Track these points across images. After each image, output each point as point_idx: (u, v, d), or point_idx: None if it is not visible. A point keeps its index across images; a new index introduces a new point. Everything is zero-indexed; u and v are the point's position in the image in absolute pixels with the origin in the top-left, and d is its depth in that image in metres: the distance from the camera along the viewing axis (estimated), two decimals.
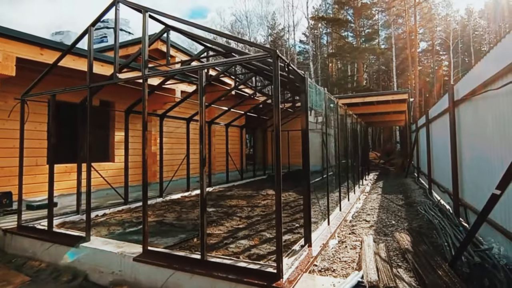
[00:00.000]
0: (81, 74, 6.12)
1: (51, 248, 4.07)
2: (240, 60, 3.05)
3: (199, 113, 3.21)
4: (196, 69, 3.19)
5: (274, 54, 2.80)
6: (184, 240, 4.12)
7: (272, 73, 2.87)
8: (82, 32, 4.19)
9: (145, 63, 3.60)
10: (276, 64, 2.83)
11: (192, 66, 3.32)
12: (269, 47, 3.34)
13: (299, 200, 7.09)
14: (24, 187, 6.10)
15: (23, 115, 4.76)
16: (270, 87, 11.87)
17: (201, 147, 3.22)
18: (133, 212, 5.88)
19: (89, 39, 4.08)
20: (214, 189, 9.12)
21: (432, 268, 2.73)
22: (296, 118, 13.92)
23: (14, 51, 5.06)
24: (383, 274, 2.61)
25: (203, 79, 3.19)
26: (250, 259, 3.38)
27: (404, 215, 5.45)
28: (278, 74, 2.81)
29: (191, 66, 3.39)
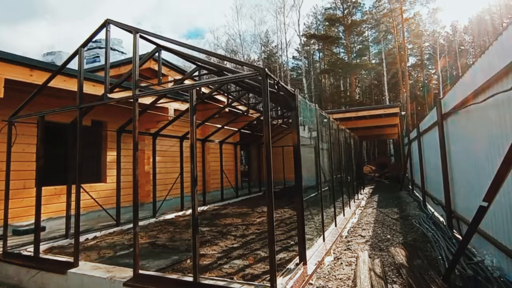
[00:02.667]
0: (72, 94, 6.06)
1: (37, 275, 3.90)
2: (231, 78, 3.06)
3: (190, 131, 3.18)
4: (187, 88, 3.19)
5: (263, 72, 2.82)
6: (177, 262, 4.00)
7: None
8: (73, 53, 4.20)
9: (135, 83, 3.59)
10: (265, 82, 2.84)
11: (183, 85, 3.33)
12: (259, 65, 3.37)
13: (294, 216, 6.99)
14: (10, 211, 5.93)
15: (10, 137, 4.68)
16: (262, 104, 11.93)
17: (192, 166, 3.17)
18: (124, 234, 5.72)
19: (79, 60, 4.08)
20: (208, 207, 8.98)
21: (426, 283, 2.66)
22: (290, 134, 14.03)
23: (2, 73, 5.03)
24: None
25: (194, 97, 3.19)
26: (244, 280, 3.28)
27: (399, 228, 5.39)
28: (268, 92, 2.82)
29: (182, 85, 3.40)
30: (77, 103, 4.03)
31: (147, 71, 8.44)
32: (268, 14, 57.54)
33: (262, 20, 52.91)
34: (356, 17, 32.64)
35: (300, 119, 4.05)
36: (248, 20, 61.58)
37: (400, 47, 28.67)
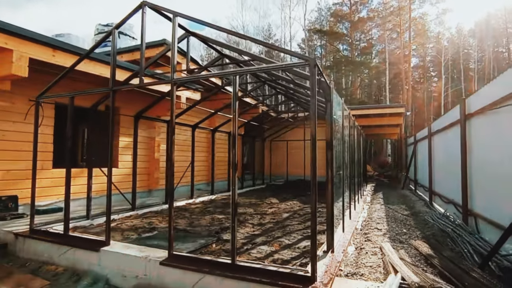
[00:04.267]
0: (89, 77, 6.11)
1: (68, 252, 3.99)
2: (278, 66, 3.13)
3: (232, 119, 3.26)
4: (230, 75, 3.25)
5: (312, 62, 2.89)
6: (204, 245, 4.11)
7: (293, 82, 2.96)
8: (106, 34, 4.22)
9: (174, 68, 3.65)
10: (314, 72, 2.92)
11: (226, 71, 3.39)
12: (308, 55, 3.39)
13: (305, 208, 7.14)
14: (27, 191, 6.00)
15: (37, 117, 4.71)
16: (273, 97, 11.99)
17: (233, 152, 3.26)
18: (142, 218, 5.81)
19: (113, 42, 4.11)
20: (217, 196, 9.09)
21: (465, 271, 2.81)
22: (295, 128, 14.10)
23: (27, 52, 5.02)
24: (421, 277, 2.68)
25: (237, 84, 3.26)
26: (276, 264, 3.40)
27: (414, 224, 5.57)
28: (315, 82, 2.90)
29: (224, 71, 3.45)
30: (110, 85, 4.07)
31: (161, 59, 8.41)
32: (274, 7, 57.19)
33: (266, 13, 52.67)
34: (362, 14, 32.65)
35: None
36: (253, 12, 61.19)
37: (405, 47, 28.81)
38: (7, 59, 4.85)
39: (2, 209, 5.59)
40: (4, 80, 5.15)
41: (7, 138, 5.76)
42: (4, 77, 5.07)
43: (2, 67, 4.95)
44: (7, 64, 4.87)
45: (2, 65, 4.95)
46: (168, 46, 5.03)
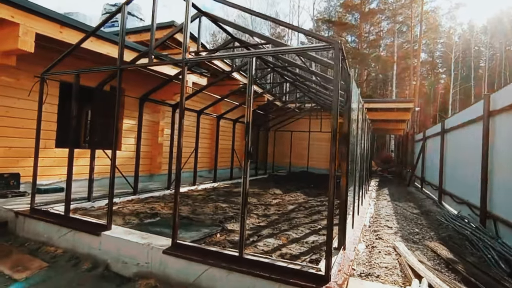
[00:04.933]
0: (95, 57, 5.89)
1: (68, 234, 3.87)
2: (299, 49, 2.92)
3: (247, 105, 3.07)
4: (247, 56, 3.05)
5: (337, 45, 2.68)
6: (208, 235, 3.98)
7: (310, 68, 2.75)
8: (115, 10, 4.00)
9: (185, 47, 3.45)
10: (339, 56, 2.71)
11: (243, 52, 3.18)
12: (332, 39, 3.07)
13: (309, 201, 7.01)
14: (29, 170, 5.87)
15: (42, 94, 4.53)
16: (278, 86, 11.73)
17: (247, 140, 3.08)
18: (144, 203, 5.69)
19: (122, 17, 3.88)
20: (219, 184, 8.97)
21: (495, 280, 2.66)
22: (300, 119, 13.87)
23: (34, 26, 4.81)
24: (451, 286, 2.52)
25: (254, 66, 3.06)
26: (284, 259, 3.27)
27: (426, 223, 5.42)
28: (340, 67, 2.69)
29: (242, 52, 3.24)
30: (118, 63, 3.87)
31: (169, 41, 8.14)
32: None
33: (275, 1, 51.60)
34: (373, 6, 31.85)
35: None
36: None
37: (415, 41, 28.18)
38: (13, 33, 4.65)
39: (3, 186, 5.48)
40: (9, 55, 4.97)
41: (11, 114, 5.61)
42: (10, 52, 4.88)
43: (8, 41, 4.75)
44: (13, 38, 4.67)
45: (8, 40, 4.75)
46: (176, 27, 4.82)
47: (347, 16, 33.46)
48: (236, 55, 3.24)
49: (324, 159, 14.70)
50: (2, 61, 4.94)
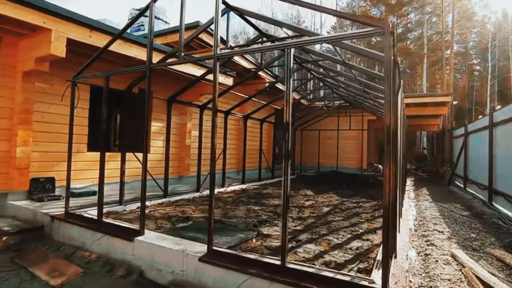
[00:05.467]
0: (123, 59, 5.88)
1: (102, 239, 3.80)
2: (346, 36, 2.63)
3: (285, 103, 2.82)
4: (285, 47, 2.81)
5: (387, 29, 2.37)
6: (244, 240, 3.77)
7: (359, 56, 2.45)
8: (144, 7, 3.89)
9: (217, 42, 3.25)
10: (389, 41, 2.40)
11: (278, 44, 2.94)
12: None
13: (344, 203, 6.64)
14: (64, 173, 5.94)
15: (73, 98, 4.52)
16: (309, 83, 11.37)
17: (286, 139, 2.83)
18: (175, 206, 5.58)
19: (150, 15, 3.76)
20: (248, 186, 8.77)
21: None
22: (328, 117, 13.40)
23: (65, 31, 4.84)
24: None
25: (291, 58, 2.81)
26: (329, 268, 2.99)
27: (481, 227, 4.90)
28: (391, 53, 2.38)
29: (279, 44, 3.00)
30: (147, 63, 3.75)
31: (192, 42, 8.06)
32: None
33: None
34: None
35: None
36: None
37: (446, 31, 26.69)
38: (46, 39, 4.72)
39: (40, 190, 5.58)
40: (43, 61, 5.04)
41: (46, 120, 5.72)
42: (43, 58, 4.96)
43: (41, 47, 4.83)
44: (45, 44, 4.73)
45: (41, 46, 4.82)
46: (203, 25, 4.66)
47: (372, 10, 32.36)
48: (271, 47, 3.01)
49: (353, 158, 14.15)
50: (36, 67, 5.01)
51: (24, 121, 5.36)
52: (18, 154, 5.29)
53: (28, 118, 5.42)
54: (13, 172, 5.33)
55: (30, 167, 5.47)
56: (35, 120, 5.53)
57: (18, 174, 5.32)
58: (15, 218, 4.91)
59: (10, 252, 3.96)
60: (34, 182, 5.53)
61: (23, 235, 4.35)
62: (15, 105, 5.36)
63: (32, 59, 5.02)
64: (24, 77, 5.30)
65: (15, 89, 5.36)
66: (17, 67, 5.34)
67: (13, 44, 5.28)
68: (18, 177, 5.32)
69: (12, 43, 5.28)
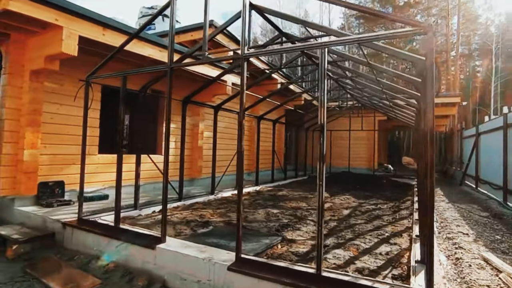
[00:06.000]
0: (137, 59, 5.72)
1: (120, 247, 3.62)
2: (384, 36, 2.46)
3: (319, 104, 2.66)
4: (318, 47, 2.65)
5: (429, 29, 2.21)
6: (269, 246, 3.59)
7: None
8: (164, 5, 3.73)
9: (244, 41, 3.10)
10: (432, 42, 2.24)
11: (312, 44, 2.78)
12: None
13: (363, 205, 6.46)
14: (73, 177, 5.80)
15: (87, 98, 4.36)
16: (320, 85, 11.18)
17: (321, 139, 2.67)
18: (192, 210, 5.40)
19: (171, 12, 3.61)
20: (261, 188, 8.60)
21: None
22: (340, 118, 13.20)
23: (77, 29, 4.66)
24: None
25: (325, 59, 2.65)
26: (363, 275, 2.81)
27: (505, 229, 4.73)
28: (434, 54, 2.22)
29: (311, 43, 2.84)
30: (168, 62, 3.59)
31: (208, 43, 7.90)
32: None
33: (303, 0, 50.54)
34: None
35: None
36: None
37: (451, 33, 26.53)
38: (57, 37, 4.53)
39: (49, 195, 5.39)
40: (53, 60, 4.86)
41: (55, 121, 5.54)
42: (53, 56, 4.77)
43: (52, 45, 4.65)
44: (56, 42, 4.55)
45: (52, 43, 4.65)
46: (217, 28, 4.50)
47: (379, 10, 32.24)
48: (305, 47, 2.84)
49: (364, 158, 13.97)
50: (46, 66, 4.84)
51: (32, 123, 5.16)
52: (26, 158, 5.10)
53: (37, 119, 5.24)
54: (20, 176, 5.13)
55: (38, 171, 5.29)
56: (44, 122, 5.35)
57: (25, 178, 5.13)
58: (23, 225, 4.70)
59: (21, 262, 3.77)
60: (42, 187, 5.34)
61: (33, 243, 4.13)
62: (22, 106, 5.16)
63: (42, 58, 4.83)
64: (32, 76, 5.12)
65: (23, 89, 5.17)
66: (25, 65, 5.16)
67: (21, 41, 5.11)
68: (25, 182, 5.12)
69: (21, 41, 5.11)
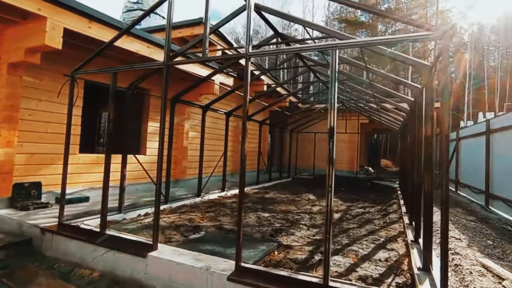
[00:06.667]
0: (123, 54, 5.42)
1: (106, 254, 3.37)
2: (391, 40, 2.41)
3: (329, 103, 2.56)
4: (329, 48, 2.55)
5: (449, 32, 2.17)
6: (267, 253, 3.46)
7: None
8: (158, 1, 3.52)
9: (249, 39, 2.96)
10: (448, 48, 2.20)
11: (325, 45, 2.67)
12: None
13: (351, 208, 6.46)
14: (51, 178, 5.44)
15: (72, 95, 4.05)
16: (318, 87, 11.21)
17: (331, 144, 2.57)
18: (180, 214, 5.17)
19: (169, 7, 3.40)
20: (248, 190, 8.46)
21: None
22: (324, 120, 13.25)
23: (62, 21, 4.34)
24: None
25: (336, 60, 2.56)
26: (368, 284, 2.75)
27: (494, 233, 4.85)
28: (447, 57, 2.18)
29: (318, 45, 2.72)
30: (164, 59, 3.39)
31: None
32: None
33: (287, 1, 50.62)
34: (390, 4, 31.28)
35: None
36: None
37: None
38: (40, 28, 4.20)
39: (24, 197, 5.00)
40: (34, 53, 4.51)
41: (33, 118, 5.15)
42: (35, 49, 4.43)
43: (34, 36, 4.30)
44: (39, 33, 4.21)
45: (34, 35, 4.30)
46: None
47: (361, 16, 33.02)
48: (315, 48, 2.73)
49: (346, 160, 14.15)
50: (26, 58, 4.48)
51: (8, 119, 4.77)
52: (1, 157, 4.71)
53: (14, 116, 4.84)
54: None
55: (14, 171, 4.89)
56: (21, 118, 4.97)
57: (0, 179, 4.75)
58: None
59: None
60: (17, 188, 4.95)
61: (8, 250, 3.79)
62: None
63: (22, 50, 4.47)
64: (10, 70, 4.73)
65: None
66: (2, 57, 4.76)
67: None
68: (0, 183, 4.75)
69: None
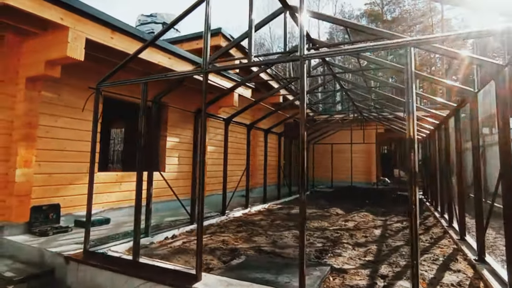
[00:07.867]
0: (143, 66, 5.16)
1: (142, 286, 2.98)
2: None
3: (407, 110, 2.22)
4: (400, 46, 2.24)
5: None
6: (322, 279, 3.05)
7: None
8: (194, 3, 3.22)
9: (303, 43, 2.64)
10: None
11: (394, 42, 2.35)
12: None
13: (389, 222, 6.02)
14: (70, 199, 5.09)
15: (97, 108, 3.75)
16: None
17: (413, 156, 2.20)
18: (210, 235, 4.76)
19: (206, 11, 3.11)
20: (270, 205, 8.03)
21: None
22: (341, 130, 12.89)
23: (84, 31, 4.07)
24: None
25: (412, 60, 2.24)
26: None
27: None
28: None
29: (389, 42, 2.38)
30: (203, 66, 3.08)
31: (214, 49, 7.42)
32: None
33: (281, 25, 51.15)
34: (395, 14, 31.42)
35: None
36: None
37: None
38: (61, 38, 3.93)
39: (42, 221, 4.64)
40: (54, 66, 4.23)
41: (51, 135, 4.85)
42: (56, 61, 4.15)
43: (55, 48, 4.03)
44: (60, 44, 3.94)
45: (55, 46, 4.03)
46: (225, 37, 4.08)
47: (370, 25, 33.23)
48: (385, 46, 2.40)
49: (363, 171, 13.70)
50: (46, 72, 4.20)
51: (26, 137, 4.47)
52: (18, 178, 4.37)
53: (32, 134, 4.54)
54: (11, 200, 4.37)
55: (31, 193, 4.55)
56: (39, 136, 4.67)
57: (17, 202, 4.38)
58: (14, 258, 3.91)
59: None
60: (35, 211, 4.58)
61: (30, 283, 3.41)
62: (15, 118, 4.46)
63: (42, 63, 4.19)
64: (28, 84, 4.45)
65: (16, 98, 4.48)
66: (20, 72, 4.50)
67: (16, 44, 4.46)
68: (17, 206, 4.36)
69: (15, 43, 4.46)
